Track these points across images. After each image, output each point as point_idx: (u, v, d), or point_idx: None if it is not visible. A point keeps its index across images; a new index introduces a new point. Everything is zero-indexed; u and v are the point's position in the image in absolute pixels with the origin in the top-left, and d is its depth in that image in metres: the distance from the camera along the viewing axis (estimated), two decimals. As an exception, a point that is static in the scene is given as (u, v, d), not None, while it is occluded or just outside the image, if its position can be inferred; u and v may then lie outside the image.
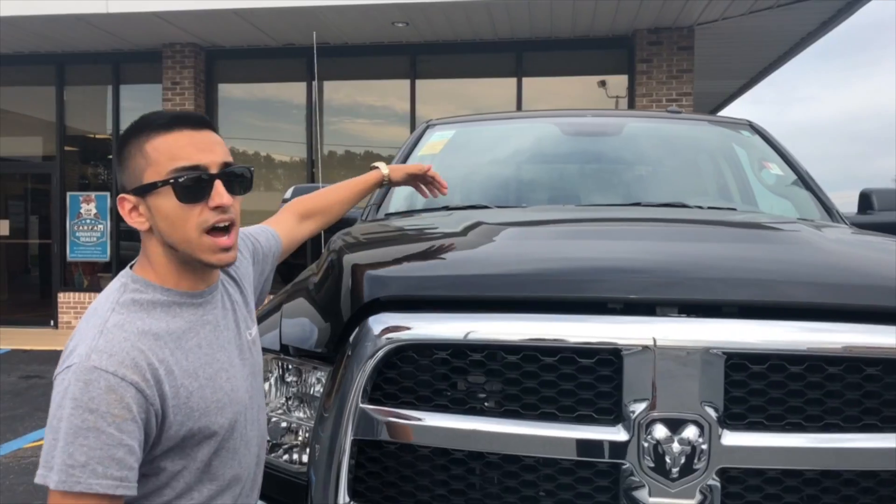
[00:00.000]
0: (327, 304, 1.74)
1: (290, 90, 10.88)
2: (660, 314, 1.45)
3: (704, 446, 1.38)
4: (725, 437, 1.39)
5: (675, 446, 1.38)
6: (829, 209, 2.87)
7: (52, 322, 10.94)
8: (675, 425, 1.39)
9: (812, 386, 1.41)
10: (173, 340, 1.26)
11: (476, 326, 1.46)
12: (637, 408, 1.40)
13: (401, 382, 1.50)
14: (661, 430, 1.39)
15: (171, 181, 1.26)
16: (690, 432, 1.38)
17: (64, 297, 10.87)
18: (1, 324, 10.79)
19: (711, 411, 1.39)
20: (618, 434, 1.41)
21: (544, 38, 10.05)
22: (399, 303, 1.54)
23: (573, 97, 10.28)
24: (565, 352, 1.44)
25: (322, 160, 10.05)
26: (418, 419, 1.47)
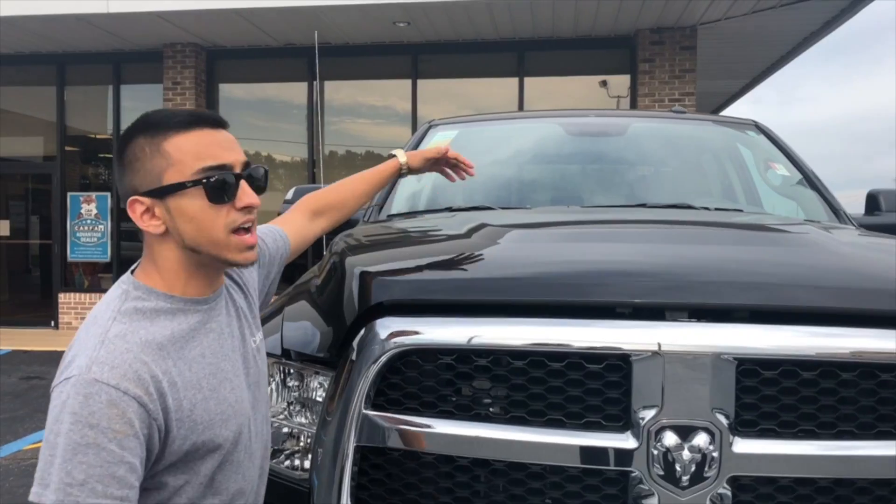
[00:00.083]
0: (330, 308, 1.71)
1: (291, 90, 10.86)
2: (669, 319, 1.42)
3: (715, 454, 1.35)
4: (737, 445, 1.36)
5: (686, 454, 1.35)
6: (836, 210, 2.84)
7: (52, 323, 10.92)
8: (686, 432, 1.36)
9: (825, 392, 1.38)
10: (177, 350, 1.21)
11: (482, 331, 1.43)
12: (646, 414, 1.37)
13: (405, 388, 1.48)
14: (670, 438, 1.36)
15: (203, 181, 1.21)
16: (701, 439, 1.36)
17: (64, 297, 10.86)
18: (1, 324, 10.76)
19: (722, 418, 1.36)
20: (626, 441, 1.38)
21: (546, 37, 10.02)
22: (402, 307, 1.51)
23: (575, 97, 10.25)
24: (573, 357, 1.41)
25: (323, 160, 10.02)
26: (422, 425, 1.44)
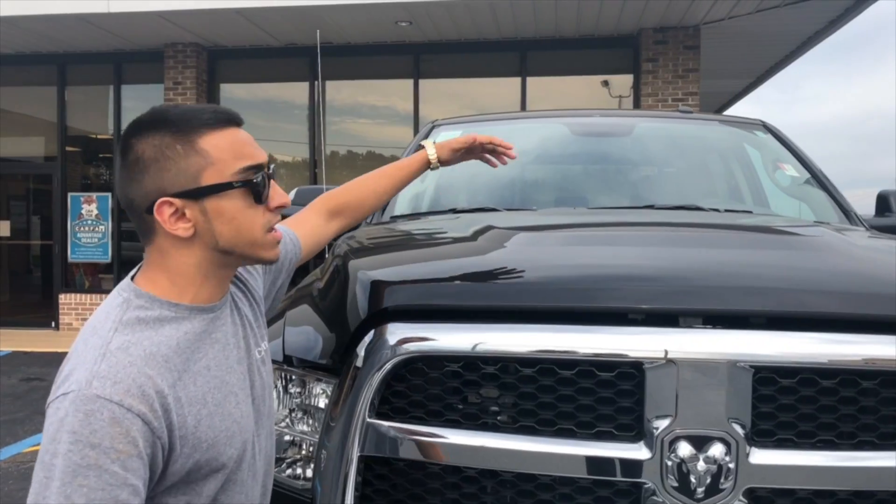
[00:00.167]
0: (332, 314, 1.67)
1: (292, 90, 10.83)
2: (683, 325, 1.38)
3: (731, 465, 1.31)
4: (753, 456, 1.32)
5: (701, 465, 1.31)
6: (846, 211, 2.80)
7: (53, 323, 10.88)
8: (701, 442, 1.32)
9: (845, 401, 1.34)
10: (182, 362, 1.13)
11: (493, 337, 1.39)
12: (660, 424, 1.33)
13: (410, 396, 1.43)
14: (685, 448, 1.32)
15: (253, 181, 1.16)
16: (716, 450, 1.31)
17: (65, 298, 10.82)
18: (1, 325, 10.74)
19: (738, 428, 1.32)
20: (639, 452, 1.34)
21: (549, 37, 9.98)
22: (408, 313, 1.47)
23: (578, 97, 10.20)
24: (584, 364, 1.37)
25: (325, 160, 9.98)
26: (428, 435, 1.40)
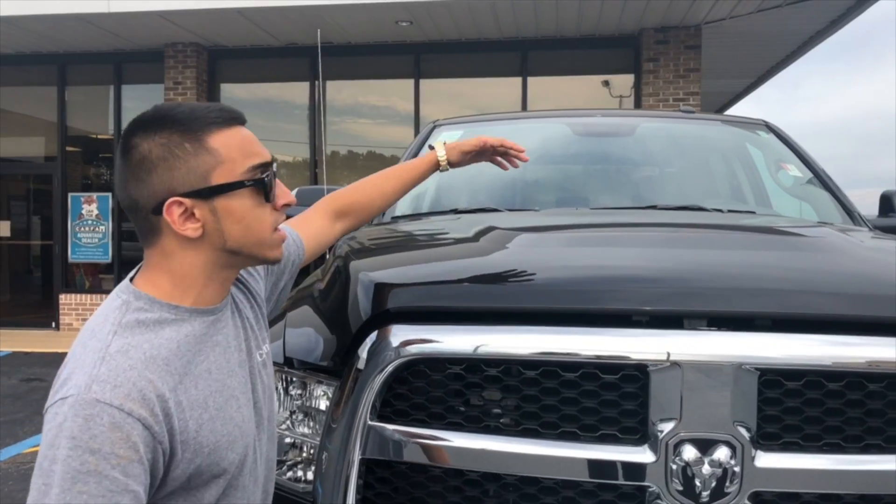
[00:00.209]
0: (333, 315, 1.66)
1: (292, 90, 10.81)
2: (688, 327, 1.37)
3: (737, 468, 1.30)
4: (759, 459, 1.30)
5: (706, 468, 1.30)
6: (849, 212, 2.78)
7: (53, 324, 10.87)
8: (706, 446, 1.30)
9: (852, 404, 1.32)
10: (183, 366, 1.11)
11: (495, 340, 1.38)
12: (664, 427, 1.32)
13: (412, 399, 1.42)
14: (690, 451, 1.31)
15: (264, 179, 1.15)
16: (722, 453, 1.30)
17: (65, 298, 10.81)
18: (2, 325, 10.73)
19: (744, 431, 1.31)
20: (644, 455, 1.32)
21: (550, 37, 9.96)
22: (410, 314, 1.45)
23: (579, 97, 10.18)
24: (588, 367, 1.35)
25: (325, 161, 9.98)
26: (431, 438, 1.39)
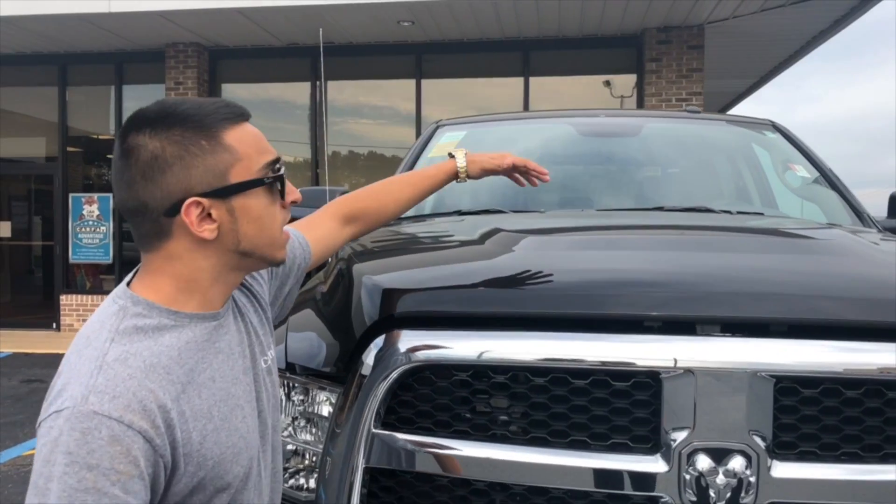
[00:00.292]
0: (337, 320, 1.62)
1: (293, 90, 10.78)
2: (701, 333, 1.33)
3: (752, 479, 1.26)
4: (775, 469, 1.27)
5: (720, 478, 1.26)
6: (859, 213, 2.74)
7: (54, 325, 10.84)
8: (720, 455, 1.27)
9: (871, 412, 1.29)
10: (185, 374, 1.05)
11: (505, 346, 1.34)
12: (677, 436, 1.28)
13: (417, 406, 1.38)
14: (704, 461, 1.27)
15: (280, 176, 1.12)
16: (737, 463, 1.26)
17: (66, 299, 10.78)
18: (2, 326, 10.69)
19: (759, 440, 1.27)
20: (656, 464, 1.29)
21: (552, 37, 9.92)
22: (415, 320, 1.42)
23: (581, 97, 10.14)
24: (599, 374, 1.32)
25: (327, 161, 9.93)
26: (436, 446, 1.35)
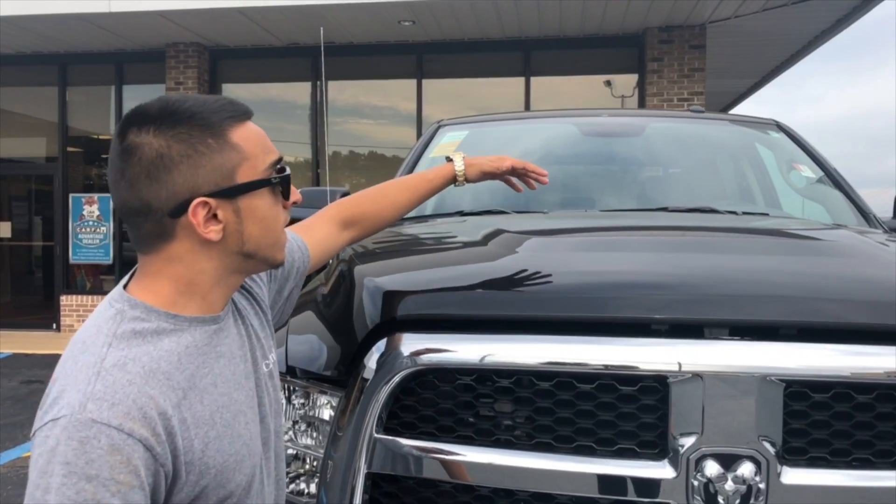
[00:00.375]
0: (338, 322, 1.60)
1: (294, 90, 10.76)
2: (709, 336, 1.31)
3: (762, 485, 1.24)
4: (785, 475, 1.24)
5: (729, 485, 1.24)
6: (864, 213, 2.71)
7: (54, 325, 10.83)
8: (729, 461, 1.25)
9: (883, 417, 1.26)
10: (186, 379, 1.02)
11: (510, 349, 1.32)
12: (685, 441, 1.26)
13: (420, 410, 1.36)
14: (712, 467, 1.25)
15: (287, 177, 1.10)
16: (746, 469, 1.24)
17: (66, 299, 10.76)
18: (2, 327, 10.67)
19: (769, 446, 1.25)
20: (663, 470, 1.26)
21: (553, 36, 9.90)
22: (418, 323, 1.39)
23: (583, 97, 10.12)
24: (605, 378, 1.29)
25: (327, 161, 9.90)
26: (440, 452, 1.33)
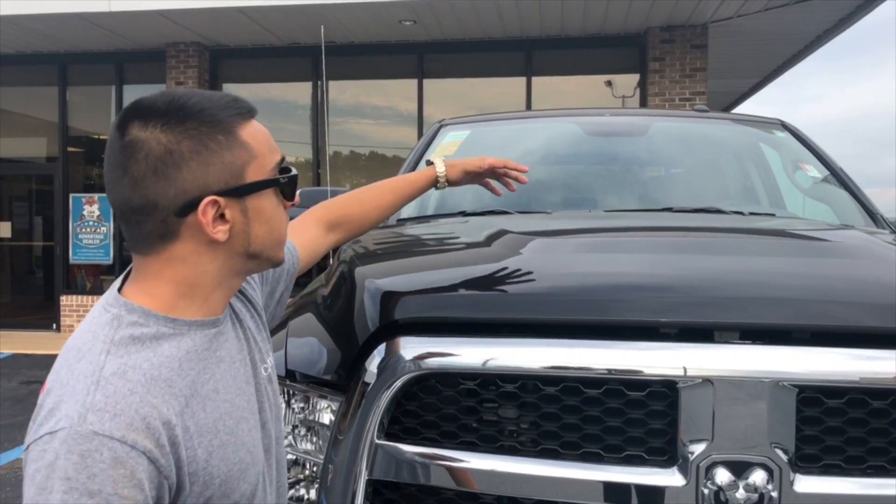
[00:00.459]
0: (338, 325, 1.56)
1: (295, 90, 10.73)
2: (719, 340, 1.27)
3: (774, 493, 1.21)
4: (798, 483, 1.21)
5: (740, 493, 1.21)
6: (871, 214, 2.68)
7: (54, 325, 10.81)
8: (740, 469, 1.21)
9: (898, 424, 1.23)
10: (187, 386, 0.98)
11: (515, 353, 1.28)
12: (695, 448, 1.22)
13: (422, 416, 1.33)
14: (723, 475, 1.21)
15: (295, 176, 1.10)
16: (758, 477, 1.21)
17: (66, 300, 10.73)
18: (2, 327, 10.65)
19: (781, 453, 1.21)
20: (672, 478, 1.23)
21: (555, 36, 9.87)
22: (421, 326, 1.36)
23: (584, 97, 10.09)
24: (612, 383, 1.26)
25: (328, 161, 9.88)
26: (442, 458, 1.29)
